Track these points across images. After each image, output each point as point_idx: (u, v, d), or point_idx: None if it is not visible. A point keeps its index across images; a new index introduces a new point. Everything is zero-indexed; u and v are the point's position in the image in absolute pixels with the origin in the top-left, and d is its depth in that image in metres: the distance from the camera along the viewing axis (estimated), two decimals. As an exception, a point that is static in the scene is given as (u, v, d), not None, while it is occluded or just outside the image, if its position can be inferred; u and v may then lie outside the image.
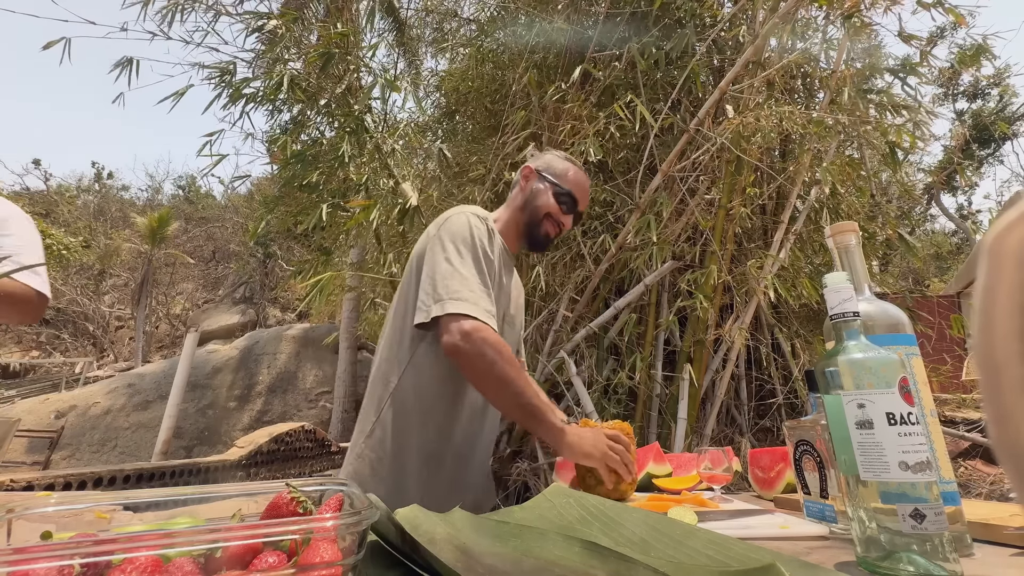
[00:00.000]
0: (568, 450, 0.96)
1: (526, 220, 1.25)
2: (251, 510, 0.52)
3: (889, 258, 7.54)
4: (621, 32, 3.14)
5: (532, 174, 1.28)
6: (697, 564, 0.52)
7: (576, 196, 1.25)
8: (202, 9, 3.96)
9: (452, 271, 1.02)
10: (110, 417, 7.58)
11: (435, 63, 5.73)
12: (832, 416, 0.60)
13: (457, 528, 0.58)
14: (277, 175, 5.18)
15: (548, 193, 1.23)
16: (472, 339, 0.96)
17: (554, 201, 1.23)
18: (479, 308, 0.98)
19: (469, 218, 1.11)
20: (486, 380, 0.98)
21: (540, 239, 1.25)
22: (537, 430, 0.99)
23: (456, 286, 1.00)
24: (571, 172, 1.27)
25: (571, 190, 1.24)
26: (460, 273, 1.02)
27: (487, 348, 0.96)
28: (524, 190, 1.27)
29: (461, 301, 0.98)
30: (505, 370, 0.96)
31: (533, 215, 1.24)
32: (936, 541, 0.51)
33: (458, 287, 1.00)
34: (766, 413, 3.35)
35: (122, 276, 18.08)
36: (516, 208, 1.27)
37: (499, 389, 0.98)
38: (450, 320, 0.97)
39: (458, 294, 0.99)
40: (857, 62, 3.15)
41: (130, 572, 0.37)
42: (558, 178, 1.25)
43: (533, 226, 1.24)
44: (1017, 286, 0.23)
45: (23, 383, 12.78)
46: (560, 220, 1.24)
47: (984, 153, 15.24)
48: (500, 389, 0.98)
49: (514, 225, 1.27)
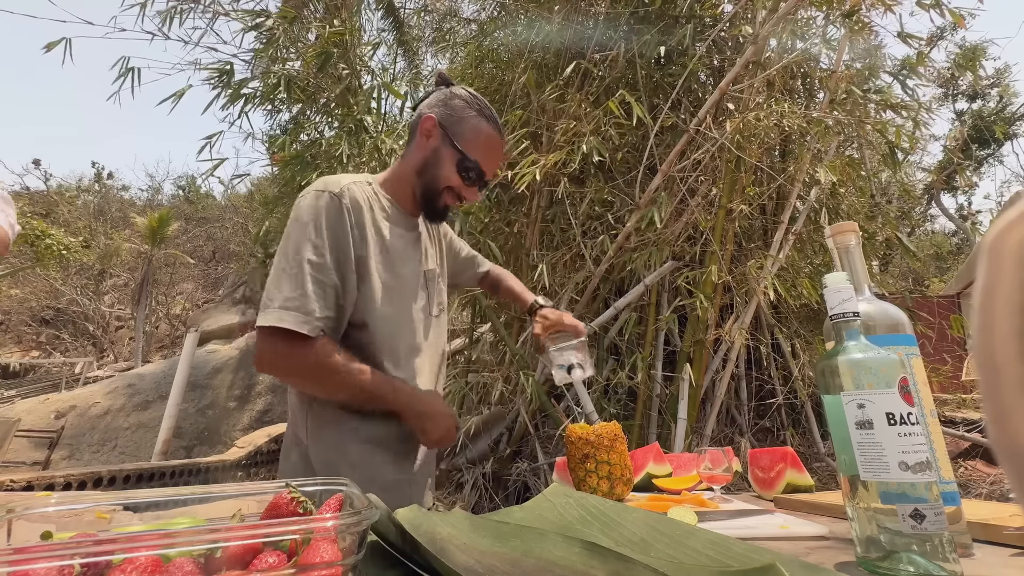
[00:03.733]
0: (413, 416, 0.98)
1: (422, 187, 1.06)
2: (251, 510, 0.52)
3: (889, 258, 7.54)
4: (621, 31, 3.14)
5: (435, 129, 1.04)
6: (697, 564, 0.52)
7: (485, 167, 1.05)
8: (200, 10, 3.96)
9: (281, 271, 0.91)
10: (110, 417, 7.58)
11: (435, 63, 5.74)
12: (832, 416, 0.60)
13: (457, 528, 0.58)
14: (277, 175, 5.18)
15: (451, 162, 1.03)
16: (268, 361, 0.90)
17: (457, 173, 1.04)
18: (293, 314, 0.87)
19: (317, 198, 0.96)
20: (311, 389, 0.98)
21: (438, 211, 1.08)
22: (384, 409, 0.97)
23: (276, 292, 0.89)
24: (483, 135, 1.04)
25: (480, 160, 1.03)
26: (293, 269, 0.91)
27: (291, 371, 0.92)
28: (423, 148, 1.05)
29: (284, 311, 0.87)
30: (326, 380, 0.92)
31: (431, 184, 1.05)
32: (936, 541, 0.51)
33: (276, 293, 0.89)
34: (766, 413, 3.35)
35: (122, 276, 18.08)
36: (412, 168, 1.07)
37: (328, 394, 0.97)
38: (263, 335, 0.89)
39: (275, 301, 0.89)
40: (857, 62, 3.16)
41: (130, 572, 0.37)
42: (466, 143, 1.03)
43: (430, 196, 1.06)
44: (1017, 286, 0.23)
45: (23, 383, 12.78)
46: (463, 194, 1.06)
47: (984, 153, 15.24)
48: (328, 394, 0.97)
49: (408, 186, 1.08)
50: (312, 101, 3.80)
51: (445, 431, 1.01)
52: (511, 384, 3.34)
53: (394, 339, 1.02)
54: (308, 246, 0.92)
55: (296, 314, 0.87)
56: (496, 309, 3.49)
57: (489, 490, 3.18)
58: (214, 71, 3.60)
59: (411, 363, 1.05)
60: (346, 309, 0.96)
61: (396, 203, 1.09)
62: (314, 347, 0.89)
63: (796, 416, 3.49)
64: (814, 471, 3.03)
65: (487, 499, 3.17)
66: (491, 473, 3.23)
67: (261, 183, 15.72)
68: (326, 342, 0.91)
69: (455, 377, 3.70)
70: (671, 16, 3.19)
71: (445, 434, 1.02)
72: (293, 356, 0.89)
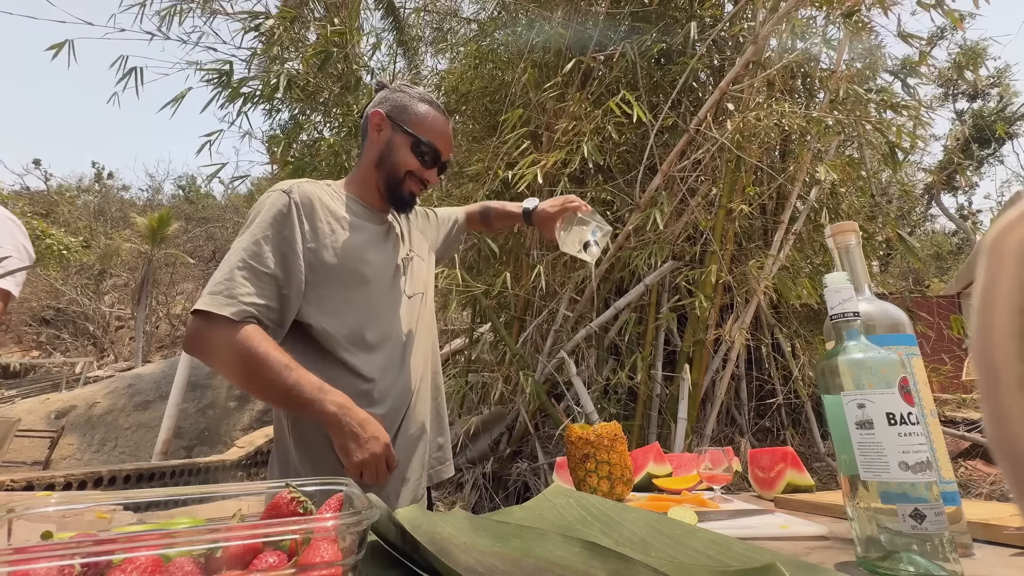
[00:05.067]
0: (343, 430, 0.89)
1: (384, 179, 1.10)
2: (251, 510, 0.52)
3: (889, 258, 7.55)
4: (621, 31, 3.14)
5: (384, 122, 1.09)
6: (697, 564, 0.52)
7: (438, 146, 1.09)
8: (199, 10, 3.96)
9: (226, 259, 0.93)
10: (110, 417, 7.58)
11: (435, 62, 5.74)
12: (832, 416, 0.60)
13: (457, 528, 0.58)
14: (277, 175, 5.18)
15: (405, 147, 1.07)
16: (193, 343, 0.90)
17: (413, 156, 1.07)
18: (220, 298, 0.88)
19: (267, 196, 1.00)
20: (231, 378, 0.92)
21: (404, 198, 1.11)
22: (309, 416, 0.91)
23: (218, 276, 0.91)
24: (429, 117, 1.09)
25: (432, 140, 1.08)
26: (229, 260, 0.93)
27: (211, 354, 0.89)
28: (376, 142, 1.10)
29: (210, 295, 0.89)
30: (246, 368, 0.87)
31: (391, 173, 1.09)
32: (936, 541, 0.51)
33: (219, 278, 0.91)
34: (766, 413, 3.35)
35: (122, 276, 18.09)
36: (370, 163, 1.11)
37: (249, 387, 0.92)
38: (192, 318, 0.90)
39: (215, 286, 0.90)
40: (857, 62, 3.16)
41: (130, 572, 0.37)
42: (415, 127, 1.08)
43: (393, 186, 1.09)
44: (1017, 286, 0.23)
45: (23, 383, 12.79)
46: (424, 177, 1.10)
47: (984, 153, 15.24)
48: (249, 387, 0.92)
49: (372, 183, 1.11)
50: (311, 101, 3.80)
51: (370, 457, 0.89)
52: (511, 384, 3.34)
53: (362, 329, 1.01)
54: (248, 238, 0.94)
55: (220, 297, 0.88)
56: (496, 309, 3.49)
57: (489, 490, 3.19)
58: (213, 70, 3.60)
59: (386, 351, 1.04)
60: (291, 299, 0.95)
61: (360, 200, 1.11)
62: (236, 330, 0.87)
63: (796, 416, 3.49)
64: (814, 471, 3.03)
65: (487, 499, 3.17)
66: (491, 473, 3.23)
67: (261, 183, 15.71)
68: (253, 329, 0.89)
69: (455, 377, 3.70)
70: (671, 16, 3.19)
71: (369, 460, 0.89)
72: (214, 338, 0.88)
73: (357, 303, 1.01)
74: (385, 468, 0.93)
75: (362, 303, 1.02)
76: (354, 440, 0.89)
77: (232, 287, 0.89)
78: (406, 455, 1.04)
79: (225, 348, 0.87)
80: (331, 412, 0.88)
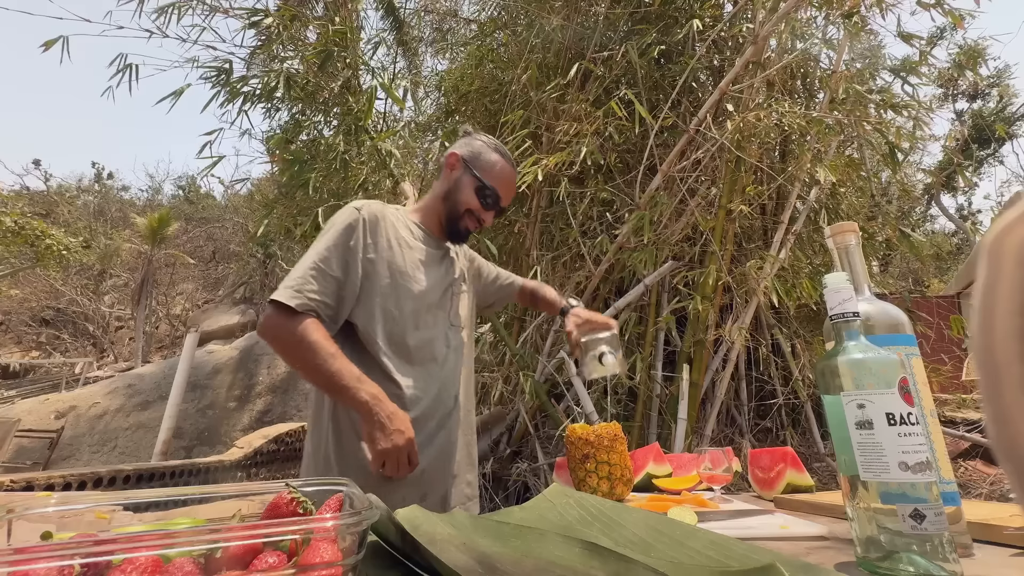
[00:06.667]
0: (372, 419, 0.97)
1: (447, 212, 1.22)
2: (251, 510, 0.52)
3: (889, 258, 7.54)
4: (621, 31, 3.14)
5: (458, 163, 1.23)
6: (697, 564, 0.52)
7: (500, 193, 1.21)
8: (198, 7, 3.95)
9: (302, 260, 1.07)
10: (110, 417, 7.58)
11: (435, 62, 5.74)
12: (832, 416, 0.60)
13: (457, 528, 0.58)
14: (276, 175, 5.17)
15: (471, 188, 1.20)
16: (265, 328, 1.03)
17: (476, 198, 1.20)
18: (290, 291, 1.01)
19: (344, 211, 1.14)
20: (288, 360, 1.04)
21: (460, 233, 1.23)
22: (344, 403, 1.02)
23: (294, 274, 1.05)
24: (498, 166, 1.22)
25: (496, 187, 1.20)
26: (304, 261, 1.06)
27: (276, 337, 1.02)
28: (448, 179, 1.24)
29: (284, 288, 1.02)
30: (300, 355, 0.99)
31: (453, 209, 1.21)
32: (936, 541, 0.51)
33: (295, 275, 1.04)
34: (766, 413, 3.35)
35: (122, 276, 18.07)
36: (438, 196, 1.25)
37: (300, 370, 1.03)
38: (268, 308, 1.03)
39: (289, 282, 1.03)
40: (857, 62, 3.16)
41: (130, 572, 0.37)
42: (483, 172, 1.20)
43: (453, 220, 1.22)
44: (1017, 286, 0.23)
45: (23, 383, 12.78)
46: (481, 217, 1.22)
47: (984, 153, 15.24)
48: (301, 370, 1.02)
49: (435, 214, 1.25)
50: (311, 100, 3.79)
51: (393, 448, 0.95)
52: (511, 384, 3.34)
53: (403, 337, 1.10)
54: (322, 244, 1.08)
55: (290, 291, 1.02)
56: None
57: (489, 490, 3.18)
58: (212, 68, 3.59)
59: (422, 364, 1.11)
60: (346, 300, 1.07)
61: (422, 226, 1.24)
62: (298, 321, 1.00)
63: (796, 416, 3.49)
64: (814, 471, 3.03)
65: (487, 499, 3.16)
66: (491, 473, 3.23)
67: (261, 183, 15.71)
68: (312, 322, 1.01)
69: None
70: (671, 16, 3.19)
71: (392, 451, 0.95)
72: (279, 325, 1.01)
73: (402, 314, 1.11)
74: (407, 462, 0.99)
75: (407, 314, 1.11)
76: (380, 430, 0.96)
77: (302, 284, 1.03)
78: (430, 474, 1.09)
79: (287, 334, 1.00)
80: (364, 400, 0.97)
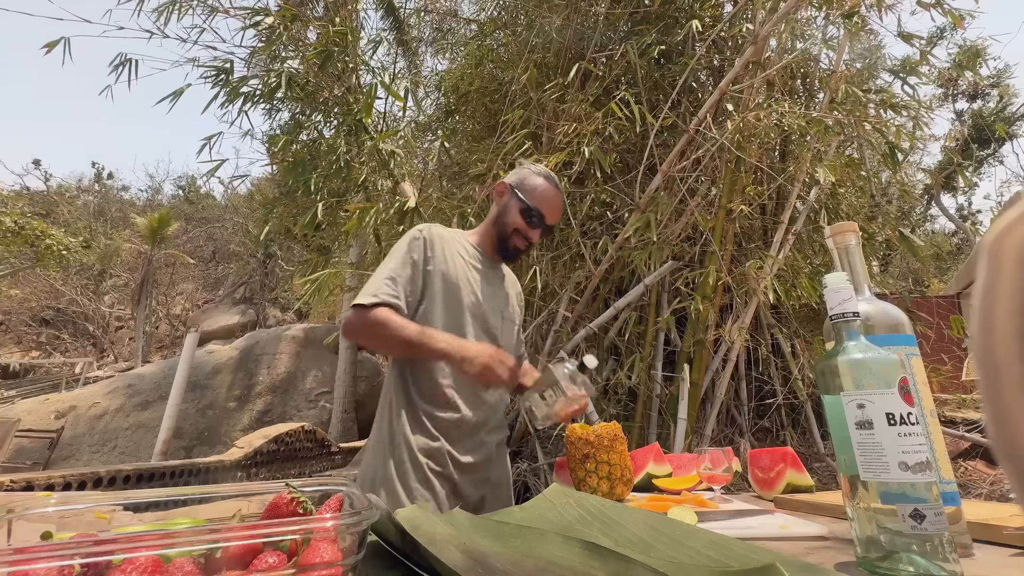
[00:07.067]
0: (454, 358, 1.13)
1: (497, 233, 1.38)
2: (251, 510, 0.52)
3: (889, 258, 7.54)
4: (621, 31, 3.13)
5: (506, 190, 1.39)
6: (697, 564, 0.52)
7: (544, 212, 1.34)
8: (198, 7, 3.95)
9: (378, 271, 1.26)
10: (110, 417, 7.58)
11: (435, 62, 5.74)
12: (832, 416, 0.60)
13: (457, 528, 0.58)
14: (277, 175, 5.18)
15: (516, 210, 1.35)
16: (346, 326, 1.22)
17: (521, 218, 1.34)
18: (366, 295, 1.20)
19: (411, 232, 1.34)
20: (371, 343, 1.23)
21: (510, 251, 1.38)
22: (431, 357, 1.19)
23: (371, 283, 1.23)
24: (540, 188, 1.36)
25: (539, 207, 1.34)
26: (380, 272, 1.25)
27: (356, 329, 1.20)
28: (498, 204, 1.41)
29: (363, 295, 1.20)
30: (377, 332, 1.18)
31: (502, 230, 1.37)
32: (936, 541, 0.51)
33: (372, 284, 1.23)
34: (766, 413, 3.35)
35: (122, 276, 18.07)
36: (491, 221, 1.42)
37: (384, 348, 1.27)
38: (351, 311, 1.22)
39: (368, 288, 1.22)
40: (857, 62, 3.15)
41: (130, 572, 0.37)
42: (527, 195, 1.35)
43: (503, 240, 1.37)
44: (1017, 286, 0.23)
45: (23, 383, 12.78)
46: (528, 235, 1.35)
47: (984, 153, 15.24)
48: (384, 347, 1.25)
49: (489, 237, 1.41)
50: (312, 100, 3.79)
51: (481, 367, 1.10)
52: (511, 384, 3.32)
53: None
54: (394, 258, 1.28)
55: (369, 296, 1.20)
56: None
57: (489, 490, 3.18)
58: (212, 68, 3.58)
59: None
60: (410, 303, 1.25)
61: (477, 247, 1.41)
62: (374, 311, 1.18)
63: (796, 416, 3.49)
64: (814, 471, 3.02)
65: (487, 499, 3.16)
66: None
67: (261, 183, 15.71)
68: (384, 308, 1.19)
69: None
70: (671, 16, 3.19)
71: (482, 370, 1.10)
72: (358, 319, 1.19)
73: (452, 321, 1.25)
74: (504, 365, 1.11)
75: (455, 323, 1.26)
76: (465, 360, 1.11)
77: (377, 289, 1.21)
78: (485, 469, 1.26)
79: (365, 322, 1.18)
80: (441, 348, 1.14)
